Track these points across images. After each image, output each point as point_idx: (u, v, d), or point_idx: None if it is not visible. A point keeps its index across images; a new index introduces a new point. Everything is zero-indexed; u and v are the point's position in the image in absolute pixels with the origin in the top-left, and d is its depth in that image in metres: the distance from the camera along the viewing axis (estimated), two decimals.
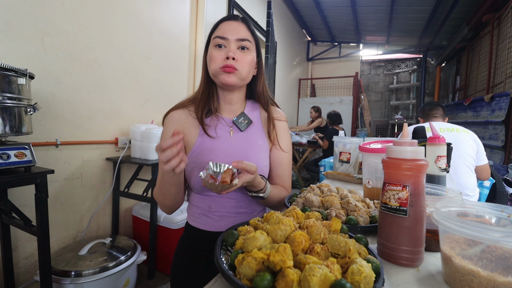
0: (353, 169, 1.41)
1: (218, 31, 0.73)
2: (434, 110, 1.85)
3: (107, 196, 1.81)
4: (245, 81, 0.76)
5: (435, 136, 0.77)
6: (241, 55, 0.72)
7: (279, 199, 0.77)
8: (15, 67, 1.03)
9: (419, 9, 4.20)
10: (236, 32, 0.72)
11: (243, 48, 0.73)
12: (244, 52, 0.73)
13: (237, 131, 0.78)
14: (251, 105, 0.84)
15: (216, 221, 0.76)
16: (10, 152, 1.05)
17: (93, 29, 1.64)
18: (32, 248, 1.43)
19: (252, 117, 0.81)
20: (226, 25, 0.73)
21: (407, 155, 0.49)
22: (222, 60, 0.70)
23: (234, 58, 0.70)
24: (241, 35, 0.72)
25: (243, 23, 0.74)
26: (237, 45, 0.72)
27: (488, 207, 0.48)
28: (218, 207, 0.76)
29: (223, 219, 0.76)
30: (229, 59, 0.70)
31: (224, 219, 0.76)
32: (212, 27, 0.77)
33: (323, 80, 6.34)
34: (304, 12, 5.20)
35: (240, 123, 0.77)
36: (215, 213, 0.76)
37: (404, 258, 0.49)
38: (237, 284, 0.36)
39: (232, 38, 0.71)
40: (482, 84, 3.80)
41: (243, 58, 0.72)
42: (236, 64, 0.70)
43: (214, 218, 0.76)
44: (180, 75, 2.43)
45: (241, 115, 0.79)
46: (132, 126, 1.83)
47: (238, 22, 0.74)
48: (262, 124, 0.82)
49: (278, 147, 0.80)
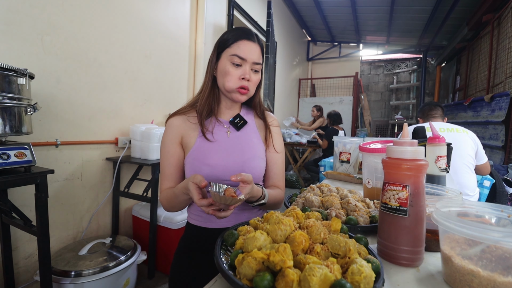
0: (353, 169, 1.41)
1: (237, 50, 0.76)
2: (433, 110, 1.86)
3: (107, 196, 1.81)
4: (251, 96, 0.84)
5: (435, 136, 0.77)
6: (253, 77, 0.78)
7: (276, 200, 0.82)
8: (15, 67, 1.03)
9: (419, 9, 4.20)
10: (253, 55, 0.77)
11: (256, 70, 0.79)
12: (255, 74, 0.79)
13: (233, 131, 0.83)
14: (246, 109, 0.91)
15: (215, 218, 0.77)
16: (10, 152, 1.05)
17: (93, 29, 1.64)
18: (32, 248, 1.43)
19: (247, 119, 0.87)
20: (246, 46, 0.76)
21: (407, 155, 0.49)
22: (238, 79, 0.76)
23: (249, 80, 0.77)
24: (256, 59, 0.77)
25: (259, 46, 0.79)
26: (251, 67, 0.77)
27: (488, 207, 0.48)
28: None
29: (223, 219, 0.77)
30: (244, 80, 0.76)
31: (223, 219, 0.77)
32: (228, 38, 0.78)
33: (323, 80, 6.33)
34: (304, 12, 5.19)
35: (236, 124, 0.83)
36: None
37: (404, 258, 0.49)
38: (237, 284, 0.36)
39: (250, 61, 0.76)
40: (482, 84, 3.80)
41: (255, 79, 0.79)
42: (249, 85, 0.77)
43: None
44: (180, 75, 2.43)
45: (237, 116, 0.85)
46: (132, 126, 1.83)
47: (256, 44, 0.78)
48: (256, 126, 0.89)
49: (273, 150, 0.87)
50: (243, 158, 0.79)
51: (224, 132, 0.82)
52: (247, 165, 0.79)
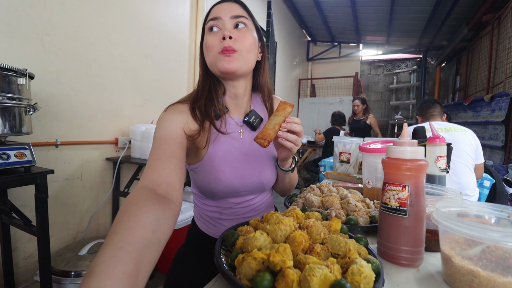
0: (353, 169, 1.41)
1: (210, 15, 0.66)
2: (432, 108, 1.86)
3: (107, 196, 1.81)
4: (249, 65, 0.67)
5: (435, 136, 0.77)
6: (239, 33, 0.64)
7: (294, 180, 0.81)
8: (15, 67, 1.03)
9: (419, 9, 4.20)
10: (229, 10, 0.64)
11: (239, 25, 0.64)
12: (241, 30, 0.64)
13: (247, 130, 0.72)
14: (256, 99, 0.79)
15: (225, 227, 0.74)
16: (10, 152, 1.05)
17: (93, 29, 1.64)
18: (32, 248, 1.43)
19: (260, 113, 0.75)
20: (218, 7, 0.66)
21: (407, 155, 0.49)
22: (219, 43, 0.62)
23: (231, 37, 0.62)
24: (235, 12, 0.64)
25: (236, 3, 0.67)
26: (232, 24, 0.64)
27: (488, 207, 0.48)
28: (229, 212, 0.74)
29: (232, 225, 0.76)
30: (225, 39, 0.61)
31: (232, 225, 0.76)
32: (205, 17, 0.69)
33: (323, 80, 6.33)
34: (304, 12, 5.19)
35: (251, 123, 0.70)
36: (225, 221, 0.75)
37: (404, 258, 0.49)
38: (237, 284, 0.36)
39: (226, 17, 0.64)
40: (482, 84, 3.80)
41: (241, 36, 0.63)
42: (234, 44, 0.62)
43: (224, 225, 0.75)
44: (180, 75, 2.43)
45: (252, 114, 0.71)
46: (132, 126, 1.83)
47: (230, 2, 0.67)
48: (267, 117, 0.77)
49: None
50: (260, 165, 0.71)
51: (237, 132, 0.71)
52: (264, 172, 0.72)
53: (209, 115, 0.66)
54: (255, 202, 0.77)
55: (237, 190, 0.70)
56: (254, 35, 0.67)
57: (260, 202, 0.78)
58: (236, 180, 0.68)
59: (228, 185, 0.68)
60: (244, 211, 0.75)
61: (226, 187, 0.68)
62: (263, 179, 0.72)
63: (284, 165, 0.71)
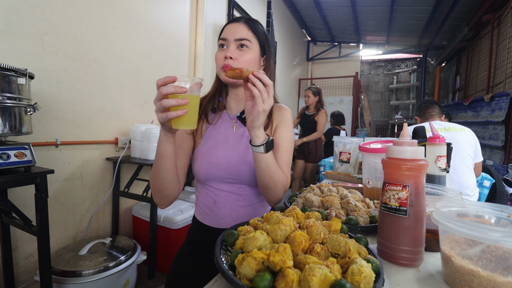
0: (353, 169, 1.41)
1: (222, 34, 0.79)
2: (430, 108, 1.87)
3: (107, 196, 1.81)
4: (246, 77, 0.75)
5: (435, 136, 0.77)
6: (240, 54, 0.76)
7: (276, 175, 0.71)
8: (15, 67, 1.03)
9: (419, 9, 4.20)
10: (235, 32, 0.76)
11: (242, 46, 0.76)
12: (242, 50, 0.76)
13: (240, 126, 0.82)
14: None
15: (221, 217, 0.79)
16: (10, 152, 1.05)
17: (93, 29, 1.64)
18: (32, 248, 1.43)
19: None
20: (228, 28, 0.78)
21: (407, 155, 0.49)
22: (223, 60, 0.75)
23: (232, 58, 0.75)
24: (239, 35, 0.76)
25: (244, 24, 0.78)
26: (236, 45, 0.76)
27: (488, 207, 0.48)
28: (223, 201, 0.79)
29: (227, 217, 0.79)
30: (226, 59, 0.75)
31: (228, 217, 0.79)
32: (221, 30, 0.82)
33: (323, 80, 6.33)
34: (304, 12, 5.19)
35: (243, 119, 0.81)
36: (220, 209, 0.79)
37: (404, 258, 0.49)
38: (237, 284, 0.36)
39: (231, 39, 0.76)
40: (482, 84, 3.80)
41: (241, 56, 0.75)
42: (233, 63, 0.74)
43: (219, 215, 0.79)
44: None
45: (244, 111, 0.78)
46: (132, 126, 1.83)
47: (239, 23, 0.78)
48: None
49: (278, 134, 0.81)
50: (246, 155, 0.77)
51: (230, 126, 0.82)
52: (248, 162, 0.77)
53: (205, 111, 0.83)
54: (246, 193, 0.80)
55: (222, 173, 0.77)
56: (255, 53, 0.78)
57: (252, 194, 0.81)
58: (219, 163, 0.77)
59: (218, 167, 0.77)
60: (237, 199, 0.80)
61: (216, 169, 0.77)
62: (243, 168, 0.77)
63: (253, 138, 0.65)
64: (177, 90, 0.55)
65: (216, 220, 0.80)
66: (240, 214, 0.80)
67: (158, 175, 0.68)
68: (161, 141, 0.65)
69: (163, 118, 0.56)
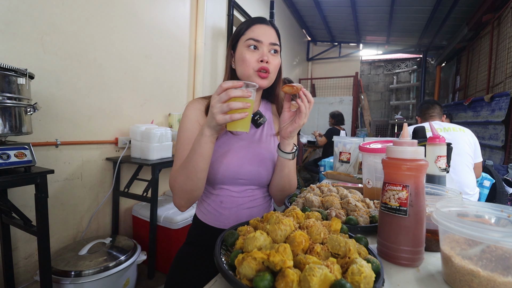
0: (353, 169, 1.41)
1: (251, 33, 0.75)
2: (431, 109, 1.87)
3: (107, 196, 1.81)
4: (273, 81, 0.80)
5: (435, 136, 0.77)
6: (273, 58, 0.76)
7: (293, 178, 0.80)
8: (15, 67, 1.03)
9: (419, 9, 4.20)
10: (269, 36, 0.75)
11: (275, 52, 0.76)
12: (274, 56, 0.77)
13: (252, 127, 0.83)
14: (265, 104, 0.89)
15: (225, 218, 0.79)
16: (10, 152, 1.05)
17: (93, 29, 1.64)
18: (32, 248, 1.43)
19: (266, 115, 0.86)
20: (259, 28, 0.76)
21: (407, 155, 0.49)
22: (256, 63, 0.73)
23: (268, 62, 0.73)
24: (273, 39, 0.76)
25: (273, 28, 0.79)
26: (269, 49, 0.75)
27: (488, 207, 0.48)
28: (229, 202, 0.79)
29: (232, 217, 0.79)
30: (263, 62, 0.73)
31: (232, 217, 0.79)
32: (241, 27, 0.78)
33: (323, 80, 6.33)
34: (304, 12, 5.19)
35: (255, 121, 0.81)
36: (225, 209, 0.79)
37: (404, 258, 0.49)
38: (237, 284, 0.36)
39: (266, 42, 0.75)
40: (482, 84, 3.80)
41: (274, 61, 0.76)
42: (269, 66, 0.74)
43: (224, 215, 0.79)
44: (180, 75, 2.42)
45: (257, 113, 0.81)
46: (132, 126, 1.83)
47: (270, 27, 0.78)
48: (273, 123, 0.88)
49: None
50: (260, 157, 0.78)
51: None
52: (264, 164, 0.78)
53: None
54: (254, 194, 0.81)
55: (237, 175, 0.77)
56: (280, 59, 0.80)
57: (259, 196, 0.82)
58: (236, 165, 0.76)
59: (228, 168, 0.76)
60: (244, 201, 0.79)
61: (227, 170, 0.76)
62: (260, 170, 0.78)
63: (285, 146, 0.72)
64: (245, 94, 0.56)
65: (220, 220, 0.79)
66: (245, 215, 0.79)
67: (193, 176, 0.67)
68: (204, 142, 0.63)
69: (225, 119, 0.57)
